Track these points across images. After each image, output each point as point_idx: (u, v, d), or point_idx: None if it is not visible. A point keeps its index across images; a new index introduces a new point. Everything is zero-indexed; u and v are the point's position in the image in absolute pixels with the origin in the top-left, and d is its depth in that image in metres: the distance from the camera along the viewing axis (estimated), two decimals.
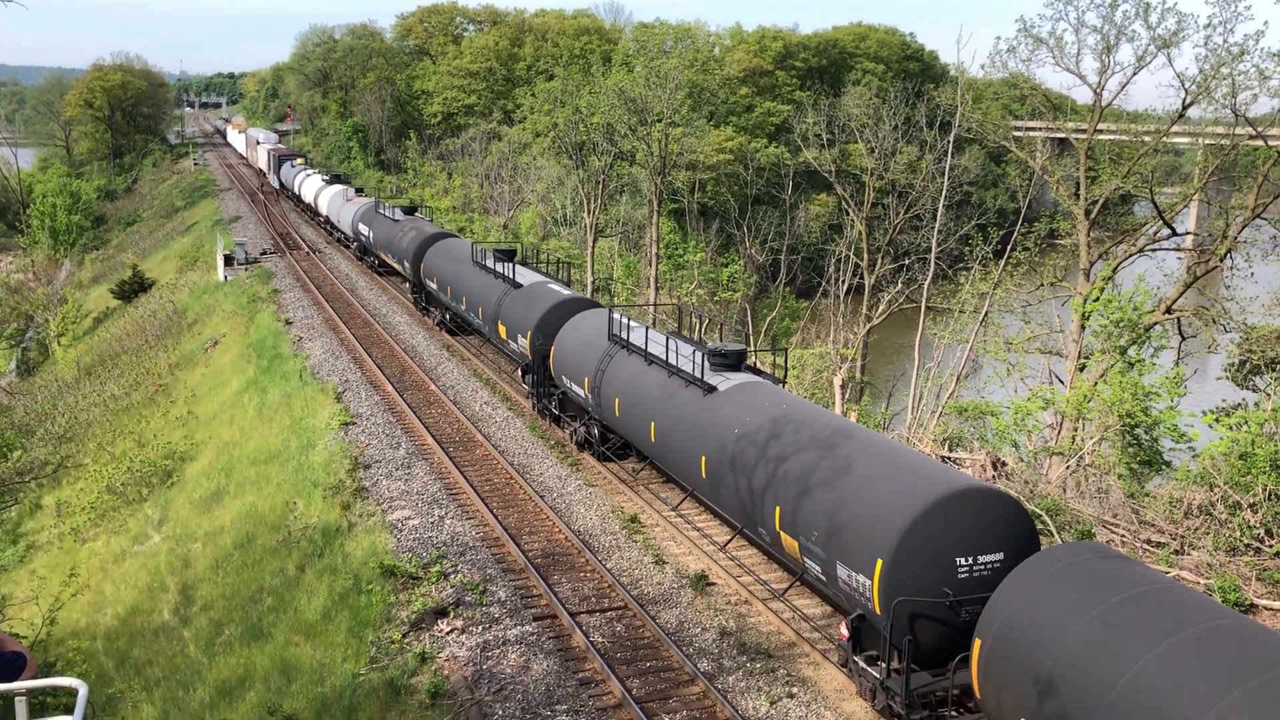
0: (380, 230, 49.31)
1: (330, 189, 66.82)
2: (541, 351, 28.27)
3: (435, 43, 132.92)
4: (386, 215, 49.53)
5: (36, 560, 30.75)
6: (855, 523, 14.88)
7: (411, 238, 42.84)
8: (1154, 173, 35.91)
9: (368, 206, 54.48)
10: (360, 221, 53.92)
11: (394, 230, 46.39)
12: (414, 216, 48.60)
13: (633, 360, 23.45)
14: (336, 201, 62.55)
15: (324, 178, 72.96)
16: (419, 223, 45.82)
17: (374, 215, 51.53)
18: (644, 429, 22.15)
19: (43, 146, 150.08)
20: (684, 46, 63.90)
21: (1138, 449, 27.17)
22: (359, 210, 55.21)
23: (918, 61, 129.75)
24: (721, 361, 21.10)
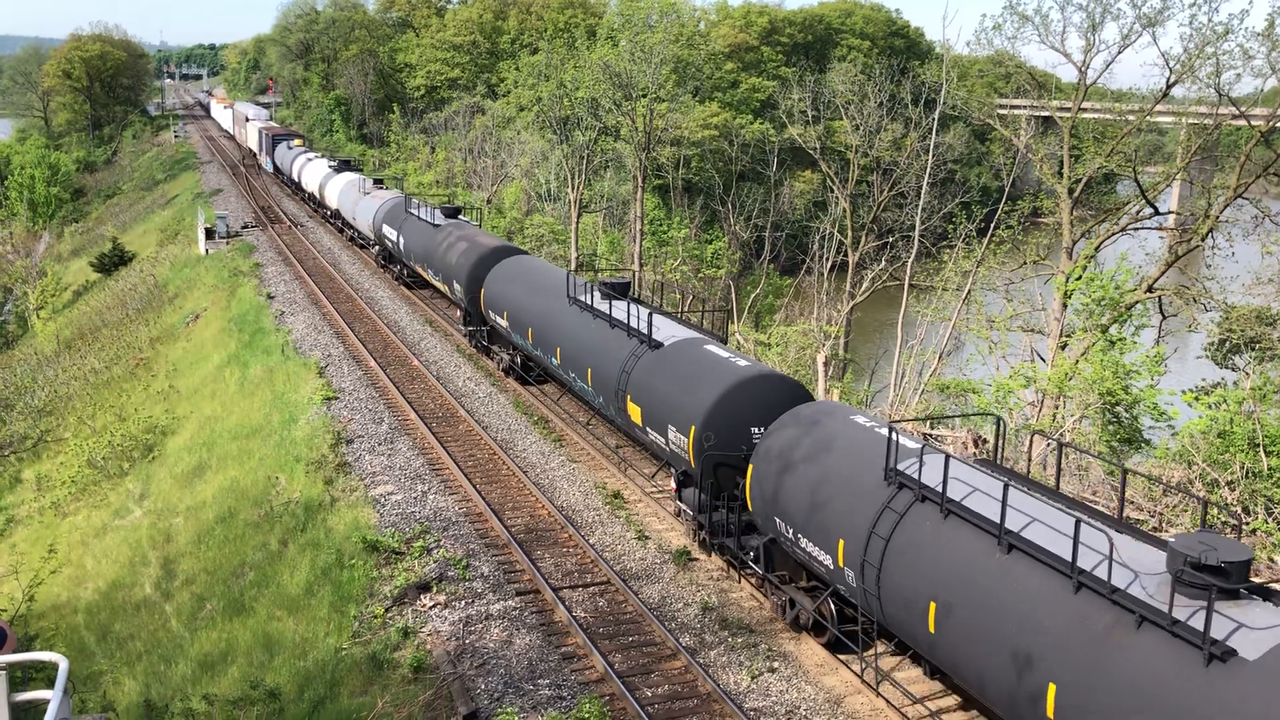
0: (415, 237, 39.32)
1: (339, 178, 57.27)
2: (720, 459, 18.42)
3: (418, 15, 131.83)
4: (423, 218, 39.58)
5: (16, 534, 30.61)
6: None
7: (463, 253, 33.55)
8: (1137, 152, 36.02)
9: (394, 204, 44.66)
10: (386, 223, 44.09)
11: (435, 239, 36.83)
12: (460, 221, 38.60)
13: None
14: (349, 194, 53.14)
15: (330, 163, 62.62)
16: (468, 230, 36.17)
17: (404, 216, 41.65)
18: None
19: (20, 117, 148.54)
20: (669, 21, 63.56)
21: (1118, 427, 27.35)
22: (382, 208, 45.70)
23: (903, 38, 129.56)
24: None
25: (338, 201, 55.58)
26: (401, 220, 41.71)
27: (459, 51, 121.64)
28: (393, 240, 42.93)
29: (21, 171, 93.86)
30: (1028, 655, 11.28)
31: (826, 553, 14.99)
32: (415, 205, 41.86)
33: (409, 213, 41.39)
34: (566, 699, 15.07)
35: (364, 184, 52.58)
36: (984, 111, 43.62)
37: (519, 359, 30.30)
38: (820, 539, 15.13)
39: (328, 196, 58.70)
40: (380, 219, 45.27)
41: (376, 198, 48.41)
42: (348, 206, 52.97)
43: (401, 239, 41.20)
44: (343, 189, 54.75)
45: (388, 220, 43.91)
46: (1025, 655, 11.31)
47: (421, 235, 38.58)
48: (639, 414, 20.87)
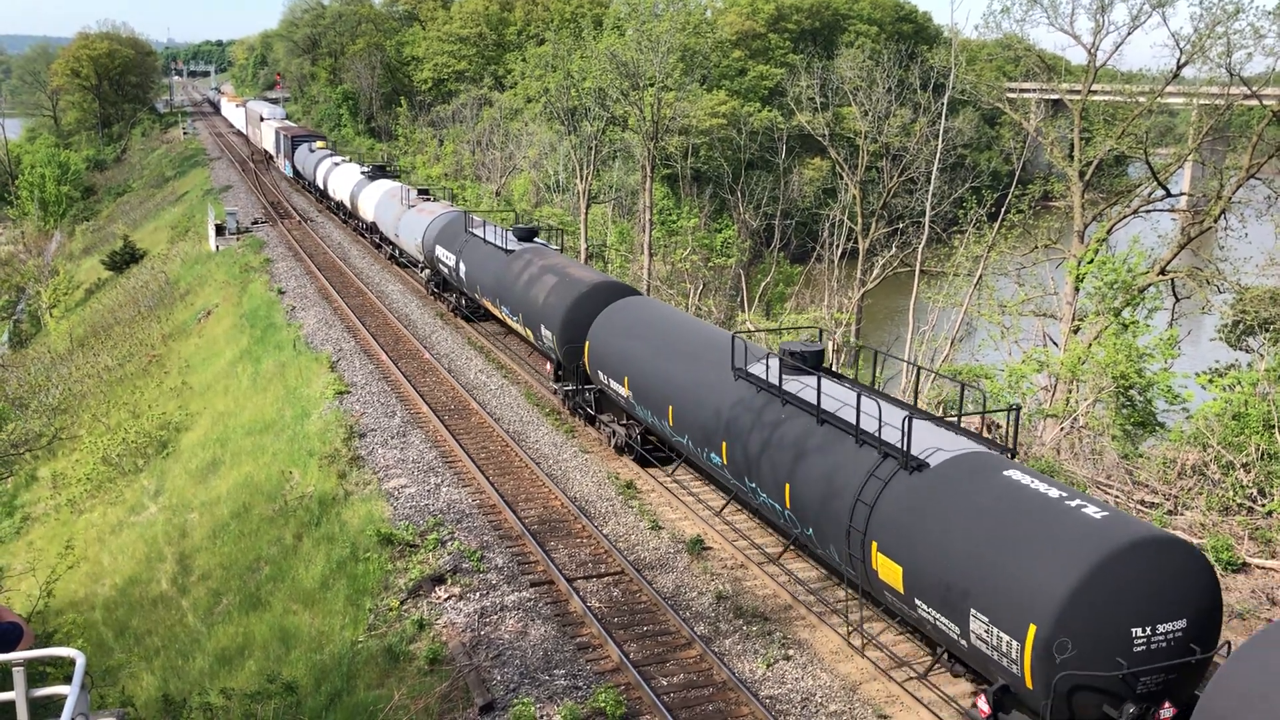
0: (481, 264, 32.72)
1: (375, 188, 50.34)
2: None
3: (425, 8, 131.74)
4: (490, 241, 32.84)
5: (33, 532, 30.80)
6: (995, 573, 12.85)
7: (554, 290, 26.71)
8: (1148, 133, 35.84)
9: (450, 222, 37.77)
10: (440, 244, 37.25)
11: (509, 269, 30.24)
12: (539, 246, 31.65)
13: None
14: (388, 207, 46.10)
15: (363, 169, 55.55)
16: (553, 258, 29.42)
17: (464, 238, 34.91)
18: None
19: (30, 117, 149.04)
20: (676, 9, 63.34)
21: (1132, 410, 27.26)
22: (434, 226, 39.02)
23: (911, 23, 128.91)
24: None
25: (375, 214, 48.53)
26: (461, 242, 34.80)
27: (465, 44, 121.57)
28: (449, 266, 35.83)
29: (32, 170, 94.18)
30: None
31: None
32: (479, 225, 35.02)
33: (470, 233, 34.50)
34: (582, 689, 15.10)
35: (406, 194, 44.69)
36: (993, 95, 43.41)
37: (637, 432, 23.75)
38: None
39: (362, 208, 51.54)
40: (432, 238, 38.29)
41: (425, 212, 41.18)
42: (387, 221, 45.85)
43: (462, 265, 34.23)
44: (380, 200, 47.63)
45: (443, 241, 36.95)
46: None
47: (490, 262, 31.97)
48: (898, 576, 14.02)
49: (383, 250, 50.16)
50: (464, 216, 36.34)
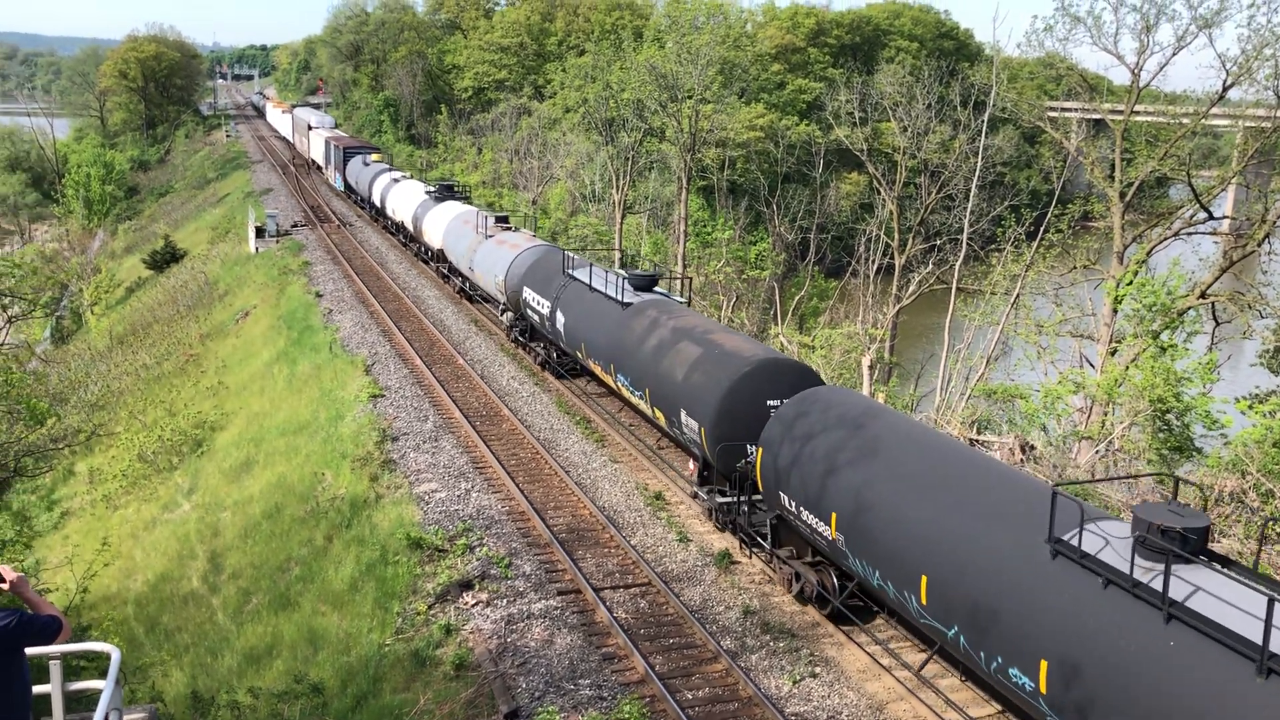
0: (585, 316, 26.94)
1: (443, 210, 44.39)
2: None
3: (467, 17, 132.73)
4: (599, 289, 26.89)
5: (70, 526, 31.20)
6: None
7: (701, 366, 20.67)
8: (1191, 155, 35.47)
9: (539, 258, 32.14)
10: (528, 286, 31.35)
11: (628, 328, 24.38)
12: (663, 298, 26.00)
13: None
14: (459, 235, 40.13)
15: (428, 189, 50.04)
16: (688, 317, 23.47)
17: (561, 281, 29.04)
18: None
19: (78, 117, 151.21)
20: (716, 22, 63.48)
21: (1168, 434, 26.92)
22: (519, 263, 32.97)
23: (952, 40, 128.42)
24: None
25: (443, 242, 42.61)
26: (559, 287, 28.85)
27: (506, 53, 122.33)
28: (541, 314, 30.00)
29: (78, 170, 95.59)
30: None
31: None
32: (580, 265, 29.50)
33: (571, 276, 28.63)
34: (607, 699, 15.09)
35: (483, 221, 38.39)
36: (1034, 114, 43.13)
37: (832, 576, 17.15)
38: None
39: (427, 233, 45.77)
40: (518, 278, 32.44)
41: (507, 244, 34.89)
42: (459, 251, 39.81)
43: (560, 315, 28.27)
44: (451, 227, 41.77)
45: (533, 283, 30.99)
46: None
47: (600, 317, 25.96)
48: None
49: (449, 282, 44.10)
50: (562, 255, 30.38)
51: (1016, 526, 12.72)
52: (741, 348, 20.58)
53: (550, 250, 33.11)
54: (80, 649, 8.17)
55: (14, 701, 7.40)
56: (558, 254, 31.40)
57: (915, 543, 13.92)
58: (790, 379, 19.49)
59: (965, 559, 13.01)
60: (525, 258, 32.81)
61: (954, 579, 13.13)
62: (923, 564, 13.69)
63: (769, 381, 19.44)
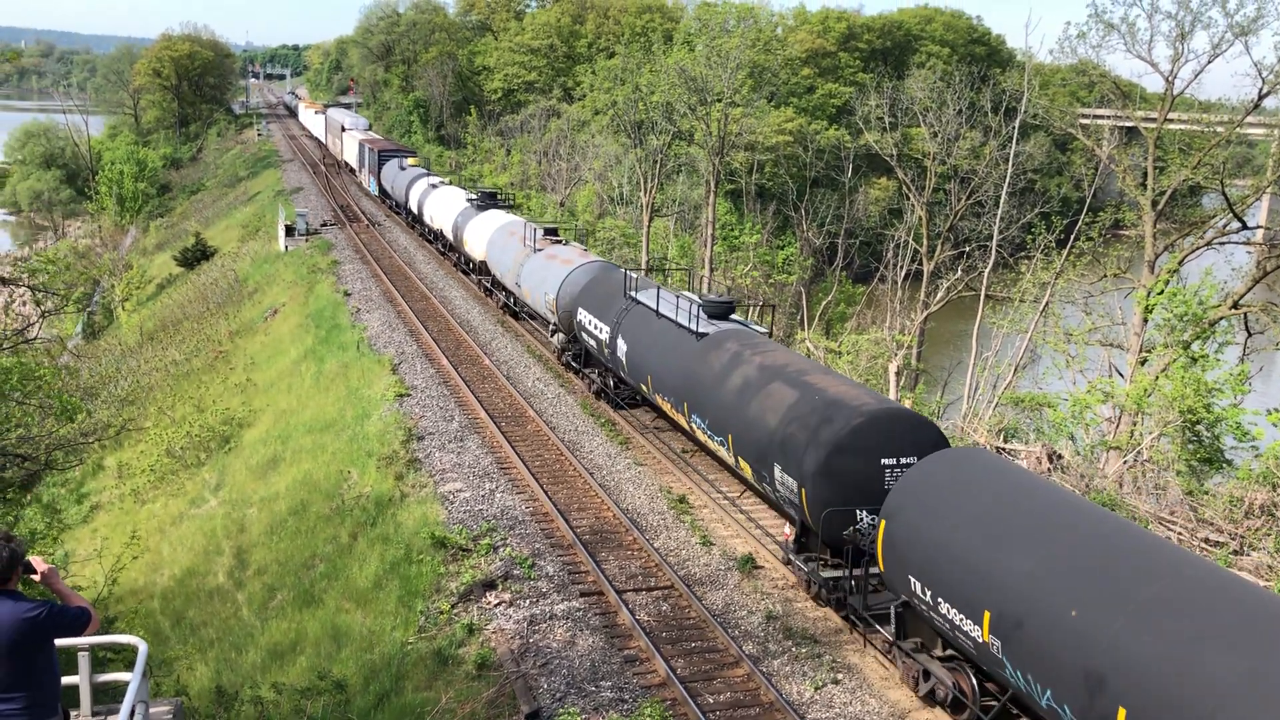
0: (652, 346, 24.08)
1: (486, 220, 41.43)
2: None
3: (497, 18, 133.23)
4: (668, 316, 23.89)
5: (98, 519, 31.50)
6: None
7: (798, 413, 17.90)
8: (1225, 164, 35.11)
9: (595, 276, 29.31)
10: (583, 307, 28.39)
11: (704, 362, 21.63)
12: (743, 327, 23.08)
13: None
14: (506, 247, 36.85)
15: (470, 196, 46.78)
16: (769, 349, 20.87)
17: (622, 305, 26.10)
18: None
19: (112, 114, 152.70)
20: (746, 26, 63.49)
21: (1198, 446, 26.68)
22: (572, 281, 30.00)
23: (984, 45, 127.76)
24: None
25: (487, 253, 40.00)
26: (619, 311, 25.93)
27: (536, 55, 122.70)
28: (599, 339, 27.04)
29: (111, 167, 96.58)
30: None
31: None
32: (647, 288, 26.10)
33: (633, 299, 25.70)
34: (628, 702, 15.08)
35: (530, 233, 35.37)
36: (1066, 121, 42.86)
37: (971, 677, 14.13)
38: None
39: (469, 244, 42.72)
40: (570, 297, 29.65)
41: (558, 260, 31.76)
42: (504, 265, 36.93)
43: (621, 343, 25.42)
44: (495, 238, 38.99)
45: (589, 304, 28.10)
46: None
47: (669, 349, 23.10)
48: None
49: (493, 297, 40.86)
50: (623, 275, 27.33)
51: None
52: (848, 394, 17.53)
53: (606, 268, 30.10)
54: (108, 641, 8.27)
55: (44, 691, 7.48)
56: (616, 272, 28.52)
57: (1116, 661, 10.74)
58: (909, 434, 16.59)
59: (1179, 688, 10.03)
60: (579, 275, 30.04)
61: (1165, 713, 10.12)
62: (1122, 693, 10.58)
63: (884, 437, 16.47)
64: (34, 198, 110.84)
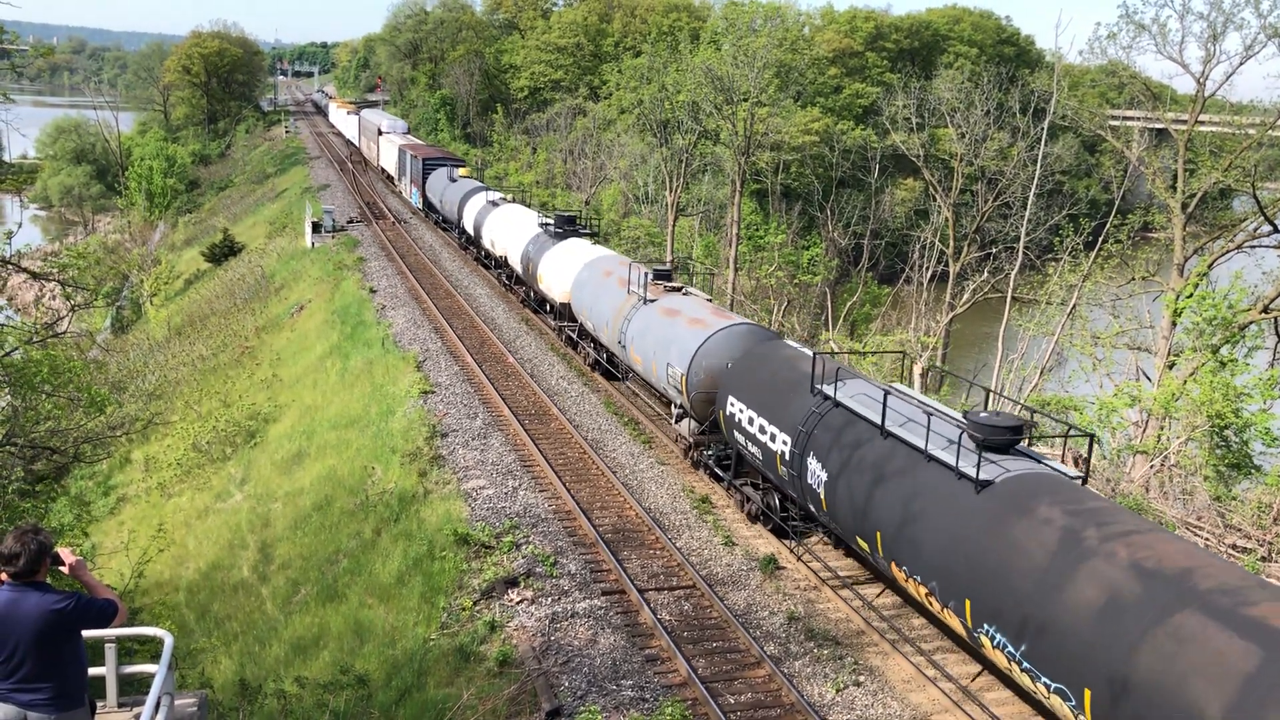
0: (894, 494, 15.74)
1: (569, 253, 34.02)
2: None
3: (524, 17, 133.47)
4: (921, 449, 15.58)
5: (125, 512, 31.79)
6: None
7: (1204, 644, 10.36)
8: (1257, 167, 34.72)
9: (754, 351, 21.67)
10: (744, 399, 20.52)
11: (1017, 544, 13.24)
12: (1057, 472, 14.74)
13: None
14: (605, 293, 29.04)
15: (542, 221, 38.27)
16: (1163, 542, 12.17)
17: (820, 409, 18.17)
18: None
19: (142, 111, 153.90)
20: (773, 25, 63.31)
21: (1226, 451, 26.43)
22: (713, 351, 22.50)
23: (1013, 46, 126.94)
24: None
25: (571, 294, 32.26)
26: (809, 415, 18.22)
27: (563, 53, 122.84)
28: (772, 450, 19.23)
29: (141, 163, 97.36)
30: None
31: None
32: (850, 379, 18.77)
33: (829, 398, 18.10)
34: (649, 701, 15.09)
35: (637, 277, 27.27)
36: (1095, 122, 42.50)
37: None
38: None
39: (547, 280, 34.87)
40: (711, 375, 22.19)
41: (683, 318, 23.98)
42: (601, 315, 28.84)
43: (815, 467, 17.76)
44: (583, 277, 31.32)
45: (744, 391, 20.53)
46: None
47: (913, 490, 15.51)
48: None
49: (583, 355, 32.88)
50: (796, 352, 20.43)
51: None
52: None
53: (763, 336, 22.48)
54: (134, 633, 8.33)
55: (71, 682, 7.56)
56: (781, 345, 21.21)
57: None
58: None
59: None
60: (720, 345, 22.26)
61: None
62: None
63: None
64: (65, 193, 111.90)
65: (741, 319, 23.59)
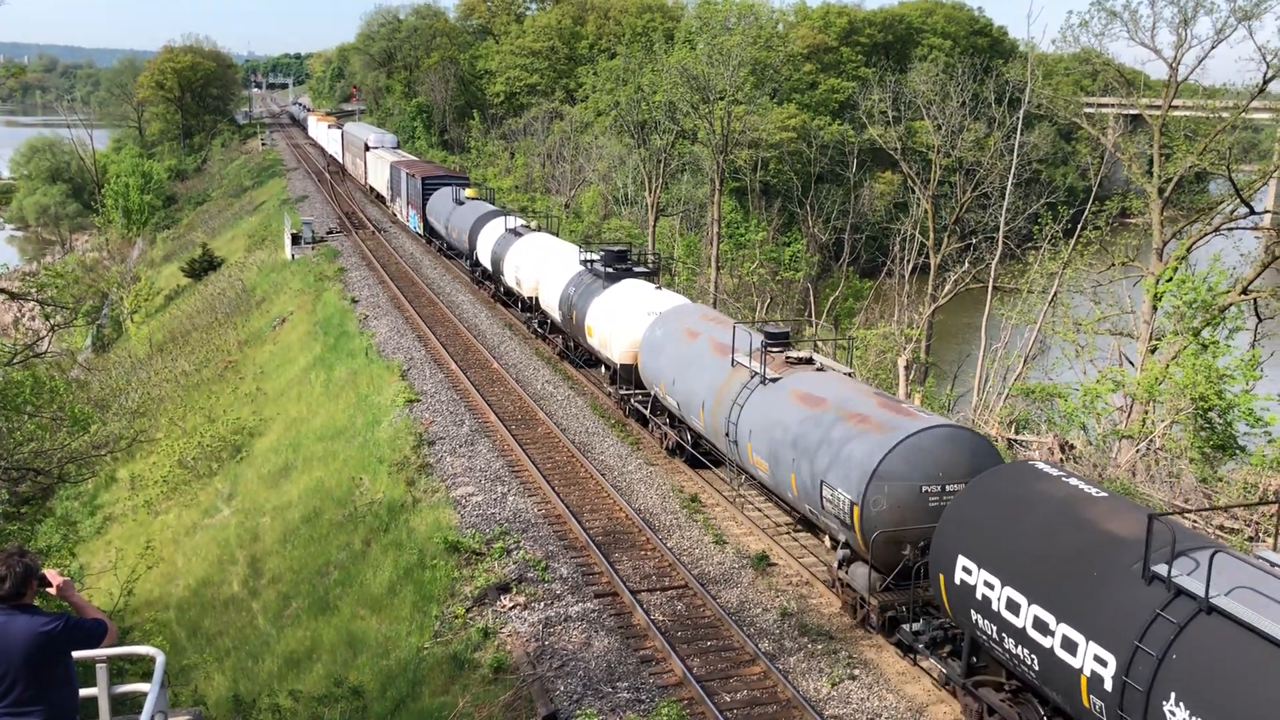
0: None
1: (628, 299, 27.42)
2: None
3: (498, 22, 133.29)
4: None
5: (112, 531, 31.60)
6: None
7: None
8: (1231, 149, 34.91)
9: (996, 489, 13.78)
10: (982, 559, 13.03)
11: None
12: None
13: None
14: (690, 358, 22.79)
15: (589, 259, 31.16)
16: None
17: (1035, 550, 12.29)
18: None
19: (116, 127, 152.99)
20: (747, 23, 63.31)
21: (1211, 433, 26.57)
22: (904, 462, 15.62)
23: (986, 36, 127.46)
24: None
25: (641, 358, 25.57)
26: (1141, 625, 10.76)
27: (538, 58, 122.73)
28: (1068, 662, 11.60)
29: (117, 180, 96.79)
30: None
31: None
32: (1203, 548, 11.20)
33: (1208, 614, 10.31)
34: (645, 702, 15.08)
35: (743, 341, 21.32)
36: (1070, 110, 42.63)
37: None
38: None
39: (601, 333, 28.16)
40: (890, 498, 15.73)
41: (840, 414, 17.48)
42: (692, 392, 22.33)
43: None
44: (656, 337, 24.72)
45: (972, 542, 13.51)
46: None
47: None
48: None
49: (549, 341, 31.85)
50: (1153, 522, 11.17)
51: None
52: None
53: (990, 452, 16.08)
54: (125, 652, 8.27)
55: (61, 704, 7.49)
56: (1032, 471, 13.88)
57: None
58: None
59: None
60: (921, 459, 15.70)
61: None
62: None
63: None
64: (40, 212, 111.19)
65: (942, 419, 17.04)
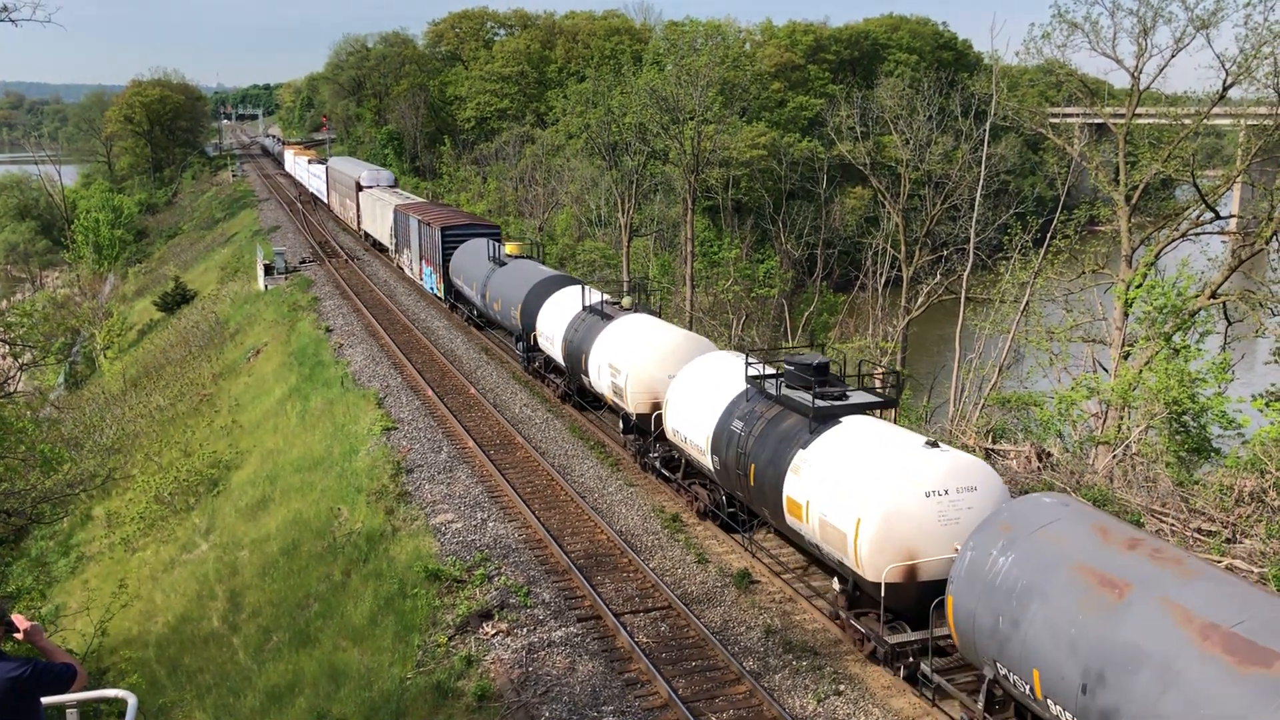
0: None
1: (840, 445, 16.98)
2: None
3: (467, 48, 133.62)
4: None
5: (88, 571, 31.22)
6: None
7: None
8: (1195, 155, 35.34)
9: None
10: None
11: None
12: None
13: None
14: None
15: (759, 374, 20.10)
16: None
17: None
18: None
19: (85, 163, 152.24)
20: (714, 44, 63.73)
21: (1185, 436, 26.74)
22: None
23: (951, 51, 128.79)
24: None
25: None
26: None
27: (508, 82, 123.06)
28: None
29: (87, 215, 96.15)
30: None
31: None
32: None
33: None
34: None
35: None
36: (1036, 121, 43.07)
37: None
38: None
39: (824, 530, 16.71)
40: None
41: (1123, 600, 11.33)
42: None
43: None
44: (899, 515, 15.34)
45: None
46: None
47: None
48: None
49: (688, 493, 22.97)
50: None
51: None
52: None
53: None
54: (96, 696, 8.15)
55: None
56: None
57: None
58: None
59: None
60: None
61: None
62: None
63: None
64: (9, 250, 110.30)
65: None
